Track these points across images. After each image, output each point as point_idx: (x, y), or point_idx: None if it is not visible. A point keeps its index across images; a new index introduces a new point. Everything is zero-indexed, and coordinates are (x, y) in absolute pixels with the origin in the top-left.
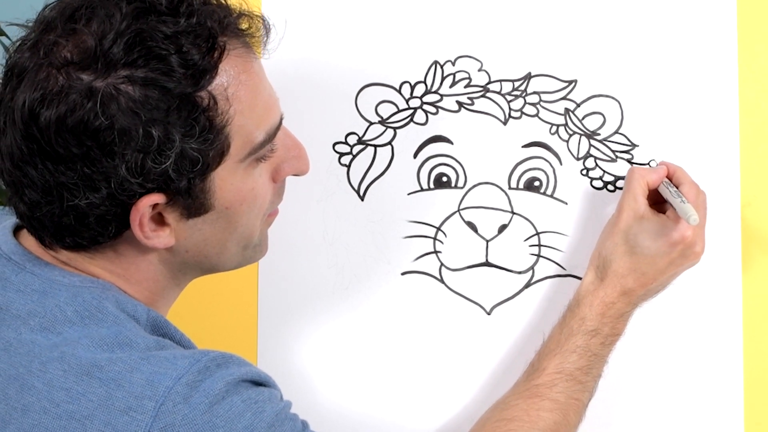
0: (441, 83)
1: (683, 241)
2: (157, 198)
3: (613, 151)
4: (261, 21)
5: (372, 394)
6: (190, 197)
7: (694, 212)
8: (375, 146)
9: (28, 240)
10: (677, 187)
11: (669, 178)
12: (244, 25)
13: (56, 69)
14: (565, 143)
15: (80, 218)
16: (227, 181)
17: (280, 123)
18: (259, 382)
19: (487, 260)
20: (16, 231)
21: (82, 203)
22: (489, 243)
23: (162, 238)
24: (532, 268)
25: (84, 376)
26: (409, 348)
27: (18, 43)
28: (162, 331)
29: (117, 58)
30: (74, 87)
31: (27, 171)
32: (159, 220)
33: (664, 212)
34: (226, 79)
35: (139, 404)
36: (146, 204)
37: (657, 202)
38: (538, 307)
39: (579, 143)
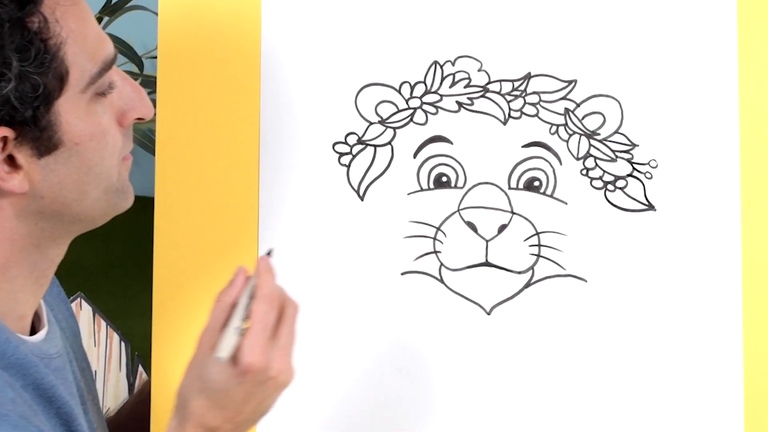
0: (441, 83)
1: (250, 369)
2: (5, 131)
3: (613, 151)
4: None
5: (371, 393)
6: (37, 129)
7: (227, 347)
8: (375, 146)
9: None
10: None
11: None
12: None
13: None
14: (565, 143)
15: None
16: (72, 114)
17: (114, 58)
18: None
19: (486, 260)
20: None
21: None
22: (489, 243)
23: (15, 181)
24: (532, 268)
25: None
26: (408, 348)
27: None
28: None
29: None
30: None
31: None
32: (11, 163)
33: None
34: (53, 5)
35: None
36: None
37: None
38: (538, 307)
39: (579, 143)
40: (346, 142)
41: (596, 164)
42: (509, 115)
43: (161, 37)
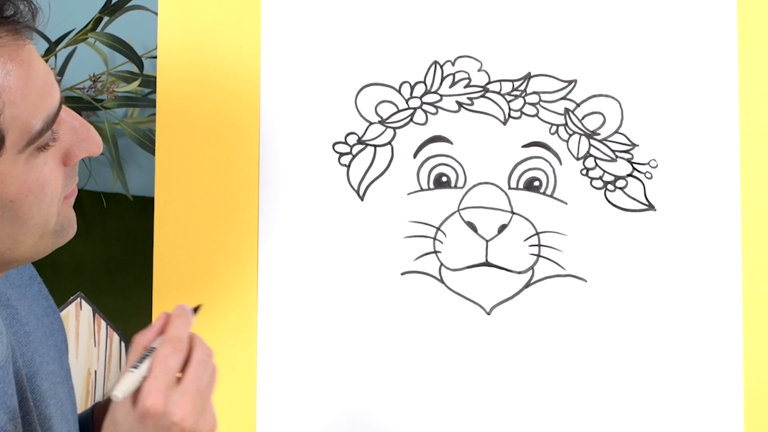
0: (441, 83)
1: (147, 413)
2: None
3: (613, 151)
4: (28, 4)
5: (371, 393)
6: None
7: (121, 387)
8: (375, 146)
9: None
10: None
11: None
12: (8, 12)
13: None
14: (565, 143)
15: None
16: (8, 174)
17: (60, 109)
18: None
19: (486, 260)
20: None
21: None
22: (489, 243)
23: None
24: (531, 268)
25: None
26: (408, 348)
27: None
28: None
29: None
30: None
31: None
32: None
33: None
34: None
35: None
36: None
37: None
38: (538, 307)
39: (579, 143)
40: (346, 142)
41: (596, 164)
42: (509, 115)
43: (161, 37)
